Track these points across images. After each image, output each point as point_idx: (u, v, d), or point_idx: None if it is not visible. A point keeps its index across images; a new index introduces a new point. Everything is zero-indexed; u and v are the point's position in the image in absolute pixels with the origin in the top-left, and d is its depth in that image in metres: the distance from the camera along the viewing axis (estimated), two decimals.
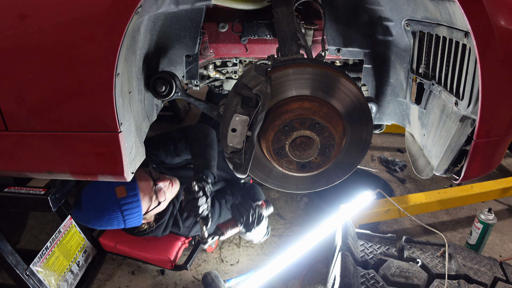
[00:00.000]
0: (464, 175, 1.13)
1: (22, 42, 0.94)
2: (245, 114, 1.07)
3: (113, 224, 1.65)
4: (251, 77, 1.05)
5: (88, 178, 1.15)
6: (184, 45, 1.42)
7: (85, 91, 0.98)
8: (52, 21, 0.92)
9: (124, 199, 1.62)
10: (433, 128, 1.27)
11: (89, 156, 1.08)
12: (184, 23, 1.37)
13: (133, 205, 1.63)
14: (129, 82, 1.10)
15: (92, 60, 0.94)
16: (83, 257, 1.97)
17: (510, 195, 2.45)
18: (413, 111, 1.42)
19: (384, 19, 1.32)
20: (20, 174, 1.20)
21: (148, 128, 1.34)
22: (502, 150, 1.16)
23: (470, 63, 1.00)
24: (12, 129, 1.06)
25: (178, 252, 2.03)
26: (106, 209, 1.61)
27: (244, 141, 1.11)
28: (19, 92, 1.00)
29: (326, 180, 1.30)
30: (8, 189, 1.55)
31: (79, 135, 1.04)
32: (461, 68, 1.05)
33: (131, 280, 2.04)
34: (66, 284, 1.83)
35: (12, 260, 1.56)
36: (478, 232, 2.07)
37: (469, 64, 1.01)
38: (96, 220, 1.64)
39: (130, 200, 1.62)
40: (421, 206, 2.20)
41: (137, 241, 2.02)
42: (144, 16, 1.07)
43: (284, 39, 1.18)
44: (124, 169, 1.08)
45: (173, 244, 2.02)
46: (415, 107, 1.39)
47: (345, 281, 1.45)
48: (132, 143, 1.12)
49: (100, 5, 0.90)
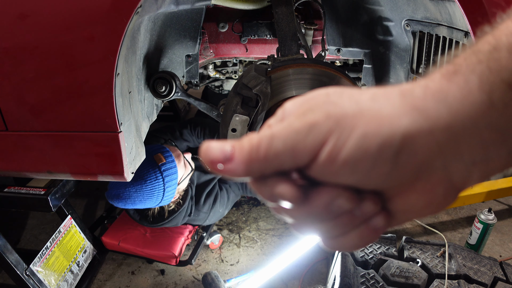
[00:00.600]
0: None
1: (22, 42, 0.94)
2: (245, 114, 1.07)
3: (154, 195, 1.68)
4: (251, 77, 1.05)
5: (88, 178, 1.15)
6: (184, 45, 1.42)
7: (85, 91, 0.98)
8: (52, 21, 0.92)
9: (164, 165, 1.70)
10: None
11: (89, 156, 1.08)
12: (184, 23, 1.37)
13: (172, 170, 1.71)
14: (129, 82, 1.10)
15: (92, 60, 0.94)
16: (83, 257, 1.97)
17: (510, 195, 2.45)
18: None
19: (384, 19, 1.32)
20: (20, 174, 1.20)
21: (148, 128, 1.34)
22: None
23: None
24: (12, 129, 1.06)
25: (182, 248, 2.04)
26: (149, 176, 1.66)
27: None
28: (19, 92, 1.01)
29: None
30: (8, 189, 1.55)
31: (79, 135, 1.04)
32: None
33: (131, 280, 2.04)
34: (66, 284, 1.83)
35: (12, 260, 1.56)
36: (478, 232, 2.07)
37: None
38: (139, 193, 1.67)
39: (169, 165, 1.71)
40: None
41: (140, 238, 2.03)
42: (144, 16, 1.07)
43: (284, 39, 1.18)
44: (124, 169, 1.08)
45: (177, 240, 2.03)
46: None
47: (345, 281, 1.45)
48: (132, 143, 1.12)
49: (100, 6, 0.90)
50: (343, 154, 0.28)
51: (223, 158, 0.30)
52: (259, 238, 2.31)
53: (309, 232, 0.34)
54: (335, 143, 0.28)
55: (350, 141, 0.28)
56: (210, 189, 2.00)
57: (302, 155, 0.29)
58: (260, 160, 0.29)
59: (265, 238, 2.31)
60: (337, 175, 0.29)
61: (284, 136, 0.29)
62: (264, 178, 0.31)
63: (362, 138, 0.28)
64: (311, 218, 0.32)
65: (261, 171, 0.30)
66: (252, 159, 0.30)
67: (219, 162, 0.30)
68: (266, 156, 0.29)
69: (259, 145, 0.30)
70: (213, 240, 2.18)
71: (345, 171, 0.29)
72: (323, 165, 0.29)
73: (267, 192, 0.31)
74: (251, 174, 0.31)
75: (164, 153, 1.74)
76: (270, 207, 0.34)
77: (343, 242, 0.33)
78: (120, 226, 2.10)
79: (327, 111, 0.29)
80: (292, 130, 0.29)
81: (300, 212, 0.32)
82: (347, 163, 0.28)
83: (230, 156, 0.30)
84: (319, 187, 0.31)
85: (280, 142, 0.29)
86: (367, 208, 0.31)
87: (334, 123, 0.28)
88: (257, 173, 0.31)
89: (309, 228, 0.33)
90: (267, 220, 2.46)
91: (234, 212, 2.52)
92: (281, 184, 0.30)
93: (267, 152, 0.29)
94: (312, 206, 0.31)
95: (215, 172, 0.31)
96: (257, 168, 0.30)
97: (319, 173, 0.30)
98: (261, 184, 0.31)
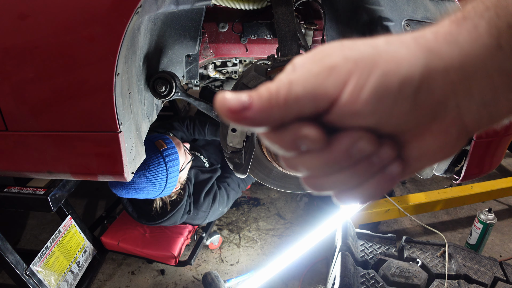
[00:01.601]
0: (464, 175, 1.13)
1: (22, 42, 0.94)
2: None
3: (157, 181, 1.70)
4: (251, 77, 1.05)
5: (88, 178, 1.15)
6: (184, 45, 1.42)
7: (85, 91, 0.98)
8: (52, 21, 0.92)
9: (166, 150, 1.73)
10: None
11: (89, 156, 1.08)
12: (184, 23, 1.37)
13: (174, 156, 1.74)
14: (129, 82, 1.10)
15: (92, 60, 0.94)
16: (83, 257, 1.97)
17: (510, 195, 2.45)
18: None
19: (384, 19, 1.32)
20: (20, 174, 1.20)
21: (148, 128, 1.34)
22: (502, 150, 1.16)
23: None
24: (12, 129, 1.06)
25: (181, 248, 2.04)
26: (152, 162, 1.69)
27: (244, 141, 1.11)
28: (19, 92, 1.01)
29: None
30: (8, 189, 1.55)
31: (79, 135, 1.04)
32: None
33: (131, 280, 2.04)
34: (66, 284, 1.83)
35: (12, 260, 1.56)
36: (478, 232, 2.07)
37: None
38: (142, 178, 1.68)
39: (170, 151, 1.74)
40: (421, 206, 2.20)
41: (140, 239, 2.03)
42: (144, 16, 1.07)
43: (284, 39, 1.18)
44: (124, 169, 1.08)
45: (176, 240, 2.03)
46: None
47: (345, 281, 1.45)
48: (132, 143, 1.12)
49: (100, 6, 0.90)
50: (365, 93, 0.28)
51: (241, 107, 0.29)
52: (259, 238, 2.31)
53: (325, 185, 0.34)
54: (356, 83, 0.28)
55: (371, 80, 0.28)
56: (209, 187, 2.00)
57: (323, 98, 0.29)
58: (280, 106, 0.29)
59: (265, 238, 2.31)
60: (358, 116, 0.30)
61: (304, 81, 0.29)
62: (284, 125, 0.31)
63: (383, 76, 0.28)
64: (331, 165, 0.32)
65: (281, 118, 0.30)
66: (272, 105, 0.29)
67: (237, 111, 0.29)
68: (286, 102, 0.29)
69: (278, 91, 0.29)
70: (213, 240, 2.18)
71: (366, 111, 0.29)
72: (345, 106, 0.29)
73: (288, 139, 0.31)
74: (270, 122, 0.30)
75: (164, 140, 1.78)
76: (285, 162, 0.34)
77: (359, 193, 0.33)
78: (119, 226, 2.10)
79: (344, 54, 0.30)
80: (311, 74, 0.29)
81: (321, 158, 0.31)
82: (368, 102, 0.29)
83: (248, 105, 0.29)
84: (339, 132, 0.31)
85: (300, 87, 0.29)
86: (386, 153, 0.31)
87: (353, 65, 0.29)
88: (277, 121, 0.30)
89: (326, 180, 0.33)
90: (267, 220, 2.46)
91: (234, 212, 2.52)
92: (305, 127, 0.30)
93: (287, 97, 0.29)
94: (333, 150, 0.31)
95: (233, 122, 0.30)
96: (277, 115, 0.30)
97: (339, 116, 0.30)
98: (281, 132, 0.31)
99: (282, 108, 0.29)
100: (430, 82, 0.29)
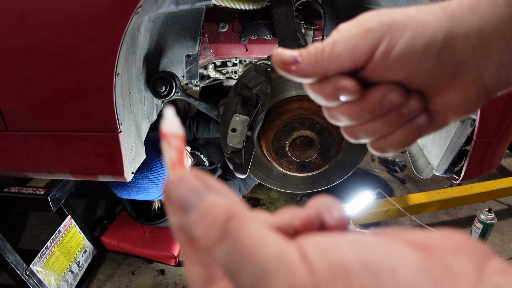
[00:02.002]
0: (464, 175, 1.13)
1: (23, 42, 0.94)
2: (245, 114, 1.07)
3: (159, 183, 1.71)
4: (251, 77, 1.05)
5: (88, 178, 1.15)
6: (184, 45, 1.42)
7: (85, 91, 0.98)
8: (52, 21, 0.92)
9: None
10: None
11: (89, 156, 1.08)
12: (184, 23, 1.37)
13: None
14: (129, 82, 1.10)
15: (92, 60, 0.94)
16: (83, 257, 1.97)
17: (510, 195, 2.45)
18: None
19: None
20: (20, 174, 1.20)
21: (148, 128, 1.34)
22: (502, 150, 1.16)
23: None
24: (12, 129, 1.06)
25: None
26: (154, 164, 1.70)
27: (244, 141, 1.11)
28: (19, 93, 1.01)
29: (326, 180, 1.30)
30: (8, 189, 1.55)
31: (79, 135, 1.04)
32: None
33: (131, 280, 2.04)
34: (66, 284, 1.83)
35: (12, 260, 1.56)
36: (478, 232, 2.07)
37: None
38: (144, 180, 1.69)
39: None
40: (421, 206, 2.20)
41: (140, 239, 2.03)
42: (144, 16, 1.07)
43: (284, 39, 1.18)
44: (124, 169, 1.08)
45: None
46: None
47: None
48: (132, 143, 1.12)
49: (100, 6, 0.90)
50: (395, 51, 0.33)
51: (293, 60, 0.34)
52: None
53: (360, 133, 0.38)
54: (388, 42, 0.33)
55: (401, 41, 0.33)
56: None
57: (360, 55, 0.34)
58: (324, 60, 0.34)
59: None
60: (389, 71, 0.34)
61: (345, 40, 0.34)
62: (327, 78, 0.35)
63: (411, 38, 0.33)
64: (366, 114, 0.36)
65: (325, 71, 0.35)
66: (318, 60, 0.34)
67: (290, 63, 0.34)
68: (330, 57, 0.34)
69: (324, 49, 0.34)
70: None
71: (396, 67, 0.34)
72: (378, 62, 0.34)
73: (330, 89, 0.35)
74: (316, 74, 0.35)
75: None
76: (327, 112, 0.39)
77: (390, 141, 0.38)
78: (119, 226, 2.10)
79: (380, 19, 0.34)
80: (351, 35, 0.34)
81: (358, 107, 0.36)
82: (398, 59, 0.33)
83: (299, 59, 0.34)
84: (373, 85, 0.35)
85: (341, 45, 0.34)
86: (413, 105, 0.35)
87: (387, 28, 0.34)
88: (321, 73, 0.35)
89: (362, 128, 0.38)
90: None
91: None
92: (344, 78, 0.35)
93: (330, 53, 0.34)
94: (368, 100, 0.35)
95: (286, 73, 0.35)
96: (322, 68, 0.34)
97: (373, 71, 0.35)
98: (324, 83, 0.35)
99: (326, 62, 0.34)
100: (452, 44, 0.33)
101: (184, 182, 0.23)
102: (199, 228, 0.21)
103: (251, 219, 0.21)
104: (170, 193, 0.23)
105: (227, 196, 0.23)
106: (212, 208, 0.21)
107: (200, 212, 0.22)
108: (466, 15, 0.33)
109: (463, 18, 0.33)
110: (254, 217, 0.22)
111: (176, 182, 0.23)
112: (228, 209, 0.21)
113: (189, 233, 0.23)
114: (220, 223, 0.21)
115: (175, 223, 0.24)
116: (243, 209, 0.22)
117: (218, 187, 0.23)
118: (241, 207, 0.22)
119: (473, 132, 1.03)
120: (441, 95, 0.36)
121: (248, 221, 0.21)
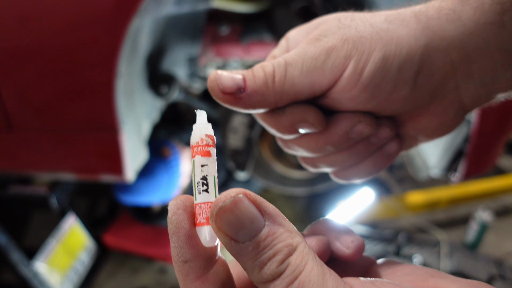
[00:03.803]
0: (460, 175, 1.15)
1: (26, 44, 0.96)
2: (245, 115, 1.08)
3: (160, 188, 1.74)
4: None
5: (90, 178, 1.16)
6: (186, 46, 1.44)
7: (87, 91, 0.99)
8: (55, 23, 0.93)
9: (170, 157, 1.78)
10: None
11: (91, 156, 1.09)
12: (186, 24, 1.39)
13: (177, 163, 1.78)
14: (130, 82, 1.11)
15: (94, 61, 0.95)
16: (85, 256, 1.99)
17: (506, 194, 2.46)
18: None
19: None
20: (24, 173, 1.21)
21: (149, 129, 1.35)
22: (497, 150, 1.18)
23: None
24: (17, 128, 1.07)
25: None
26: (156, 169, 1.72)
27: (244, 141, 1.13)
28: (23, 93, 1.02)
29: (325, 180, 1.32)
30: (12, 188, 1.57)
31: (81, 135, 1.06)
32: None
33: (133, 278, 2.05)
34: (69, 282, 1.85)
35: (15, 259, 1.58)
36: (476, 231, 2.09)
37: None
38: (146, 185, 1.72)
39: (174, 159, 1.78)
40: (420, 206, 2.21)
41: (141, 237, 2.05)
42: (146, 18, 1.09)
43: None
44: (126, 169, 1.09)
45: None
46: None
47: None
48: (134, 143, 1.14)
49: (103, 7, 0.91)
50: (364, 79, 0.27)
51: (236, 87, 0.27)
52: None
53: (321, 165, 0.33)
54: (355, 68, 0.27)
55: (370, 65, 0.27)
56: None
57: (320, 83, 0.28)
58: (276, 90, 0.27)
59: None
60: (356, 100, 0.28)
61: (300, 63, 0.27)
62: (280, 108, 0.29)
63: (382, 60, 0.27)
64: (329, 148, 0.31)
65: (276, 102, 0.28)
66: (268, 88, 0.27)
67: (230, 91, 0.27)
68: (282, 86, 0.27)
69: (274, 74, 0.27)
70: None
71: (364, 96, 0.28)
72: (343, 91, 0.28)
73: (285, 122, 0.29)
74: (265, 106, 0.28)
75: (169, 147, 1.81)
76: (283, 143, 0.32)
77: (357, 171, 0.33)
78: (121, 225, 2.12)
79: (342, 34, 0.28)
80: (308, 56, 0.28)
81: (319, 141, 0.31)
82: (367, 87, 0.27)
83: (243, 86, 0.27)
84: (337, 114, 0.30)
85: (296, 70, 0.27)
86: (384, 133, 0.31)
87: (352, 47, 0.27)
88: (272, 105, 0.28)
89: (324, 160, 0.33)
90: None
91: None
92: (303, 109, 0.29)
93: (283, 81, 0.27)
94: (332, 133, 0.30)
95: (226, 104, 0.27)
96: (273, 99, 0.28)
97: (336, 101, 0.29)
98: (278, 114, 0.29)
99: (278, 92, 0.28)
100: (431, 64, 0.28)
101: (239, 208, 0.20)
102: (254, 260, 0.20)
103: (310, 253, 0.20)
104: (222, 219, 0.20)
105: (284, 225, 0.21)
106: (271, 240, 0.20)
107: (257, 243, 0.20)
108: (446, 26, 0.27)
109: (443, 31, 0.27)
110: (311, 251, 0.21)
111: (230, 208, 0.20)
112: (288, 243, 0.20)
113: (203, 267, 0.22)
114: (280, 257, 0.20)
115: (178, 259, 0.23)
116: (301, 241, 0.21)
117: (275, 212, 0.22)
118: (299, 238, 0.21)
119: (469, 131, 1.05)
120: (414, 119, 0.31)
121: (308, 257, 0.20)
